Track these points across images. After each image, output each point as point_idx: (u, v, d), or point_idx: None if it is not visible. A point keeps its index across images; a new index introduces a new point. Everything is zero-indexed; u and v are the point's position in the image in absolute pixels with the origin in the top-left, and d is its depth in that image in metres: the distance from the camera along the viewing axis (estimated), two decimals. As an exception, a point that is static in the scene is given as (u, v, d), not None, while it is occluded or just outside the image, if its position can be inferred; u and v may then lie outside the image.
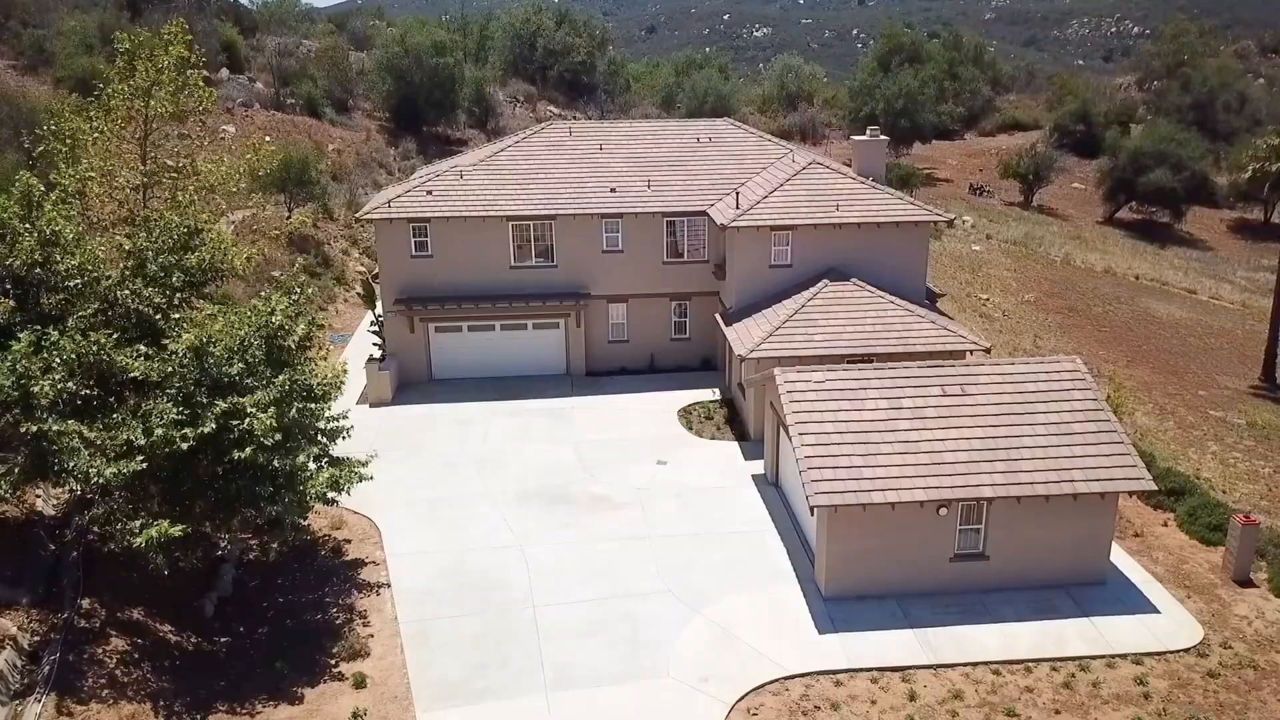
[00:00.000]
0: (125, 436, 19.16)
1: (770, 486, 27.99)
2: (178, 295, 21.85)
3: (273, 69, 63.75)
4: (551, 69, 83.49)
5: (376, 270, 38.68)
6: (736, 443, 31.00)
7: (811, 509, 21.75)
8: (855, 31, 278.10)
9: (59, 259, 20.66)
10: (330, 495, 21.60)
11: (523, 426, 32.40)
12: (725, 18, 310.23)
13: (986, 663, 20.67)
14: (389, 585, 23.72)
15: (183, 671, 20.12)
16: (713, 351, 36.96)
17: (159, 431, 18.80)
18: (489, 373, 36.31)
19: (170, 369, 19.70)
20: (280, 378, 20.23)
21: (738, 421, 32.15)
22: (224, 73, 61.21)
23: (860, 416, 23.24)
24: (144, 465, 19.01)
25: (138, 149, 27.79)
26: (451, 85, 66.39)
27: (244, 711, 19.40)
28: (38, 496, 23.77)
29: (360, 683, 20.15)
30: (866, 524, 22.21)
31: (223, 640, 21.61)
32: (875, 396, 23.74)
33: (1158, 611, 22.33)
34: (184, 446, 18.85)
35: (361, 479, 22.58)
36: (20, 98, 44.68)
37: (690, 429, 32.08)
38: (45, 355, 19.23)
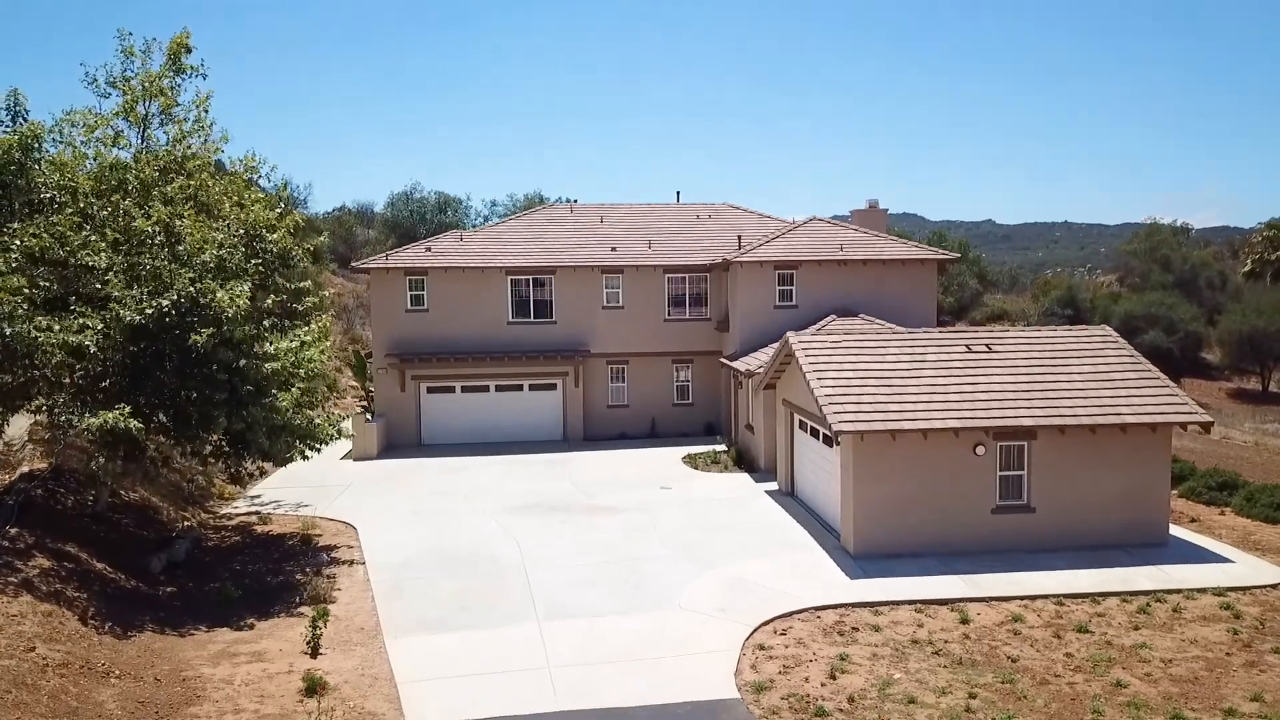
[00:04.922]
0: (80, 323, 17.51)
1: (786, 496, 25.66)
2: (158, 216, 20.67)
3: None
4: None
5: (369, 350, 37.66)
6: (747, 474, 28.80)
7: (836, 435, 19.65)
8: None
9: (36, 169, 19.72)
10: (311, 422, 19.61)
11: (516, 472, 30.15)
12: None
13: (1046, 595, 17.92)
14: (364, 563, 21.03)
15: (114, 598, 17.30)
16: (716, 417, 35.23)
17: (114, 309, 17.17)
18: (482, 438, 34.36)
19: (138, 258, 18.30)
20: (254, 262, 18.82)
21: (745, 462, 30.01)
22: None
23: (882, 365, 21.58)
24: (98, 353, 17.27)
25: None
26: (455, 244, 67.73)
27: (180, 634, 16.50)
28: (-19, 465, 21.60)
29: (322, 615, 17.23)
30: (897, 467, 20.02)
31: (167, 589, 18.83)
32: (897, 351, 22.19)
33: (1231, 562, 19.72)
34: (138, 319, 17.14)
35: (341, 434, 20.86)
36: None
37: (696, 468, 29.89)
38: (3, 239, 17.96)
